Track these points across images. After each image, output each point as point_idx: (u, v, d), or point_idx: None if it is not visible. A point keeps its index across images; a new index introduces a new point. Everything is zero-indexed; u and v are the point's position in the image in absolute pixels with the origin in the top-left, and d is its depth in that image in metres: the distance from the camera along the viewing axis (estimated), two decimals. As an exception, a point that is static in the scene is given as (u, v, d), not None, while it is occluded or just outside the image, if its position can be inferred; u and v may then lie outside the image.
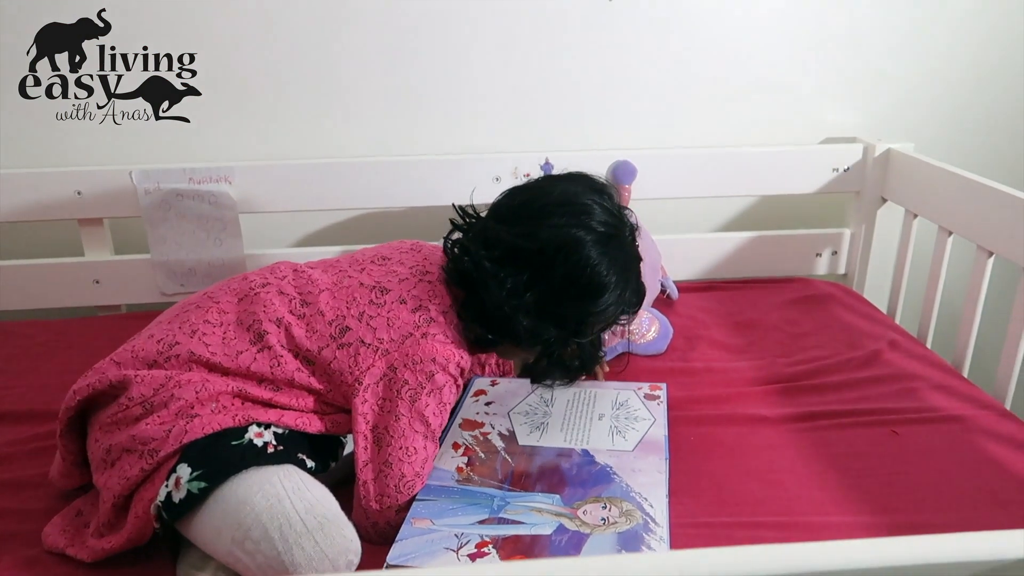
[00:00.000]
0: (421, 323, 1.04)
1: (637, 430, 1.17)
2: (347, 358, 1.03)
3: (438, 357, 1.02)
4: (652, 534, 0.95)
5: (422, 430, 1.03)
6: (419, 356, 1.02)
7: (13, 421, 1.26)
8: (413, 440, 1.02)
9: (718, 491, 1.09)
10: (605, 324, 1.11)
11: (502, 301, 1.04)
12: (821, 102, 1.78)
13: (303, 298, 1.07)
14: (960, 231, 1.50)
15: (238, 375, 1.02)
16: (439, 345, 1.03)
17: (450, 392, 1.05)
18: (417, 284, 1.08)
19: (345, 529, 0.91)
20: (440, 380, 1.03)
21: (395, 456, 1.01)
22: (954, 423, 1.23)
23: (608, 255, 1.05)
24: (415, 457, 1.02)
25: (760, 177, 1.75)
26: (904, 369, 1.39)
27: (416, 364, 1.02)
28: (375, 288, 1.07)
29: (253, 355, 1.02)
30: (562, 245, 1.03)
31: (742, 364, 1.43)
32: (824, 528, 1.01)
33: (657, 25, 1.69)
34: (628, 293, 1.09)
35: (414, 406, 1.02)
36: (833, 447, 1.18)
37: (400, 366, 1.02)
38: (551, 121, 1.74)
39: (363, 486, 1.02)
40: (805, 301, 1.68)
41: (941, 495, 1.07)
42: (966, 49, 1.75)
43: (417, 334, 1.03)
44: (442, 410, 1.05)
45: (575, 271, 1.03)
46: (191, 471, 0.93)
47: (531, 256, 1.04)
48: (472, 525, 0.98)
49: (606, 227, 1.06)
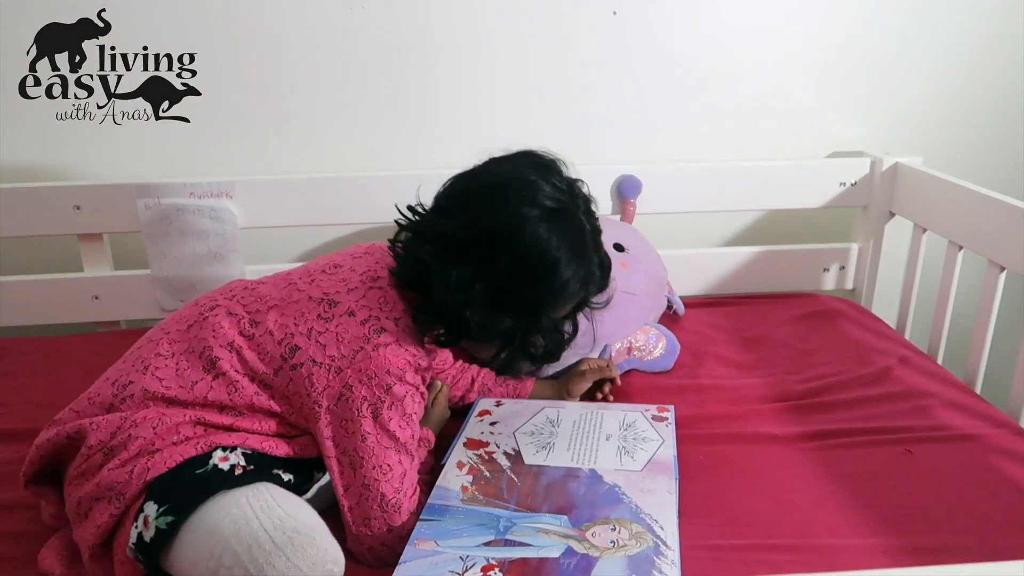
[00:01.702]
0: (371, 334, 0.99)
1: (645, 450, 1.15)
2: (301, 380, 0.98)
3: (392, 368, 0.98)
4: (663, 558, 0.92)
5: (392, 445, 0.99)
6: (373, 370, 0.97)
7: (10, 440, 1.24)
8: (385, 457, 0.98)
9: (729, 512, 1.06)
10: (567, 304, 1.05)
11: (449, 297, 0.99)
12: (828, 116, 1.77)
13: (252, 317, 1.02)
14: (971, 246, 1.48)
15: (196, 405, 0.98)
16: (391, 356, 0.98)
17: (413, 401, 1.00)
18: (367, 293, 1.03)
19: (319, 539, 0.88)
20: (399, 391, 0.98)
21: (371, 477, 0.98)
22: (969, 442, 1.21)
23: (557, 230, 0.99)
24: (391, 474, 0.99)
25: (767, 191, 1.74)
26: (916, 386, 1.36)
27: (371, 379, 0.97)
28: (323, 301, 1.02)
29: (209, 384, 0.98)
30: (505, 228, 0.98)
31: (751, 381, 1.40)
32: (839, 551, 0.99)
33: (663, 40, 1.68)
34: (587, 269, 1.03)
35: (377, 422, 0.98)
36: (845, 466, 1.15)
37: (355, 383, 0.97)
38: (556, 135, 1.71)
39: (348, 512, 0.99)
40: (813, 317, 1.66)
41: (958, 517, 1.05)
42: (974, 62, 1.74)
43: (368, 347, 0.98)
44: (408, 422, 1.00)
45: (522, 252, 0.98)
46: (157, 507, 0.90)
47: (474, 246, 0.99)
48: (478, 547, 0.95)
49: (554, 202, 1.00)
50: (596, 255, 1.05)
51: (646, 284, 1.51)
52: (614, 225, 1.62)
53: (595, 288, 1.06)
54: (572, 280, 1.00)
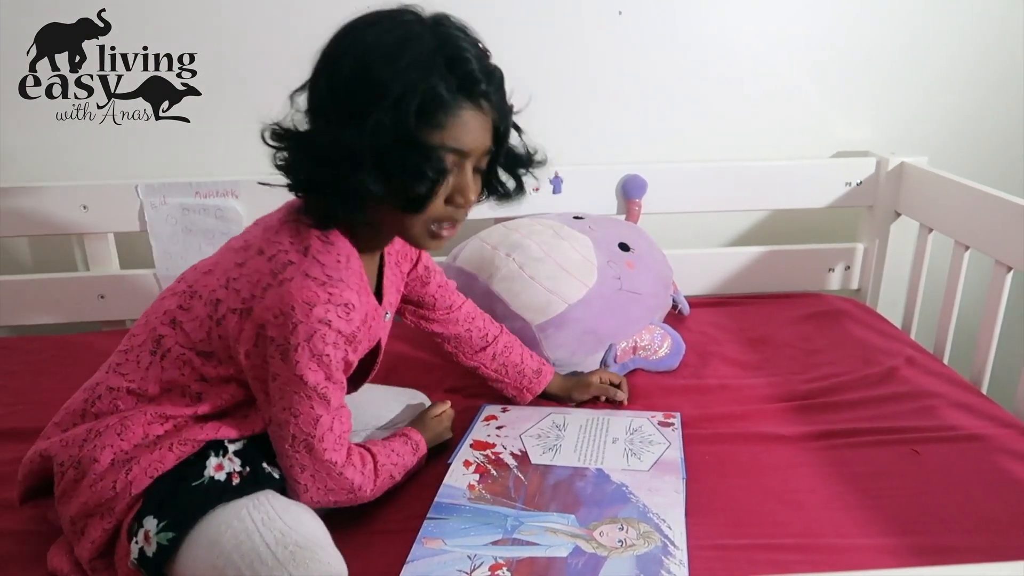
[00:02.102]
0: (278, 269, 0.91)
1: (652, 452, 1.15)
2: (227, 333, 0.93)
3: (298, 303, 0.89)
4: (672, 557, 0.92)
5: (300, 389, 0.92)
6: (279, 307, 0.89)
7: (16, 439, 1.23)
8: (295, 401, 0.92)
9: (736, 512, 1.06)
10: (407, 124, 0.87)
11: (326, 170, 0.90)
12: (833, 115, 1.77)
13: (191, 290, 0.98)
14: (977, 245, 1.48)
15: (156, 396, 0.96)
16: (296, 290, 0.89)
17: (324, 342, 0.91)
18: (280, 229, 0.96)
19: (320, 553, 0.87)
20: (305, 330, 0.89)
21: (280, 418, 0.94)
22: (975, 442, 1.20)
23: (384, 35, 0.89)
24: (302, 418, 0.93)
25: (772, 191, 1.73)
26: (922, 386, 1.36)
27: (278, 317, 0.89)
28: (242, 248, 0.97)
29: (160, 365, 0.96)
30: (337, 46, 0.91)
31: (756, 381, 1.40)
32: (846, 551, 0.98)
33: (668, 39, 1.68)
34: (424, 77, 0.87)
35: (286, 363, 0.91)
36: (852, 466, 1.15)
37: (266, 323, 0.90)
38: (560, 135, 1.72)
39: (299, 478, 0.96)
40: (818, 317, 1.66)
41: (965, 517, 1.04)
42: (980, 61, 1.74)
43: (275, 283, 0.91)
44: (319, 363, 0.91)
45: (348, 58, 0.89)
46: (158, 522, 0.89)
47: (314, 76, 0.92)
48: (485, 546, 0.95)
49: (393, 23, 0.91)
50: (447, 73, 0.89)
51: (651, 284, 1.51)
52: (619, 225, 1.62)
53: (440, 106, 0.88)
54: (400, 85, 0.86)
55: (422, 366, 1.47)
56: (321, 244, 0.94)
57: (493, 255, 1.48)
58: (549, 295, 1.40)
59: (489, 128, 0.96)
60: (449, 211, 0.95)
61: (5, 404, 1.35)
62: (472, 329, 1.29)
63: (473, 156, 0.94)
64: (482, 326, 1.30)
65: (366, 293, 1.00)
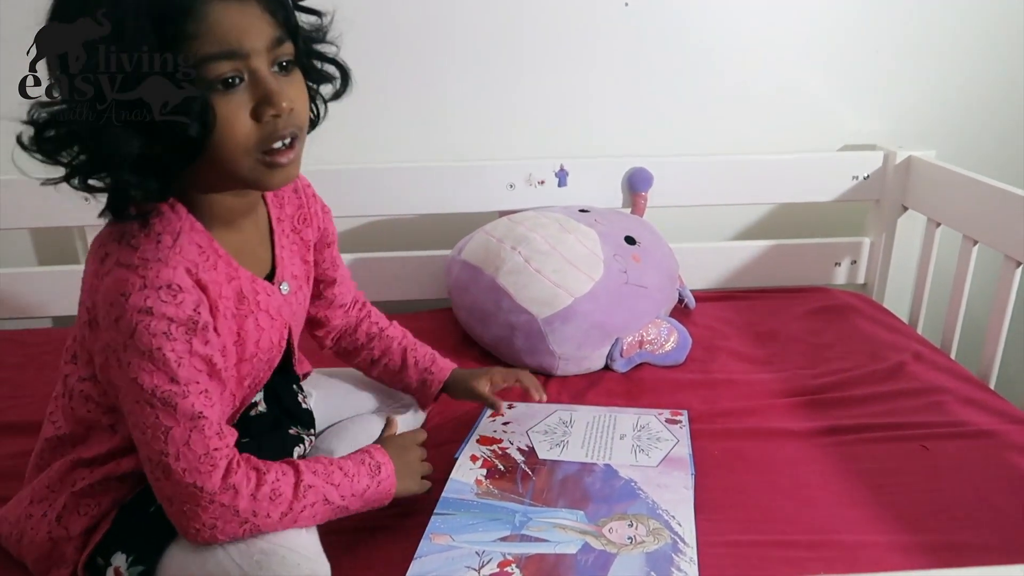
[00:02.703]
0: (99, 265, 0.80)
1: (660, 449, 1.14)
2: (85, 348, 0.84)
3: (113, 297, 0.77)
4: (682, 555, 0.92)
5: (139, 396, 0.78)
6: (105, 306, 0.77)
7: (16, 433, 1.22)
8: (140, 415, 0.79)
9: (746, 508, 1.05)
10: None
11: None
12: (840, 108, 1.76)
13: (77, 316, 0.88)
14: (986, 240, 1.47)
15: (81, 436, 0.88)
16: (113, 282, 0.77)
17: (148, 333, 0.76)
18: (105, 228, 0.84)
19: (288, 555, 0.82)
20: (126, 324, 0.76)
21: (137, 439, 0.80)
22: (985, 438, 1.20)
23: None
24: (149, 434, 0.79)
25: (778, 185, 1.72)
26: (930, 382, 1.35)
27: (105, 318, 0.78)
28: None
29: (70, 405, 0.88)
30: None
31: (764, 376, 1.39)
32: (858, 547, 0.98)
33: (673, 31, 1.67)
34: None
35: (122, 369, 0.78)
36: (862, 462, 1.14)
37: (102, 327, 0.79)
38: (566, 128, 1.72)
39: (172, 515, 0.83)
40: (825, 311, 1.65)
41: (977, 514, 1.04)
42: (989, 54, 1.72)
43: (98, 281, 0.79)
44: (155, 361, 0.77)
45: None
46: (126, 557, 0.85)
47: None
48: (494, 542, 0.94)
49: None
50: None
51: (657, 277, 1.50)
52: (625, 218, 1.61)
53: (179, 12, 0.72)
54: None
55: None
56: (138, 226, 0.80)
57: (499, 248, 1.47)
58: (555, 288, 1.39)
59: (262, 13, 0.77)
60: (267, 127, 0.78)
61: (8, 398, 1.34)
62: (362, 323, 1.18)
63: (256, 53, 0.76)
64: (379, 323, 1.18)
65: (225, 267, 0.85)
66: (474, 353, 1.48)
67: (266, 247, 0.94)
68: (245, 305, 0.87)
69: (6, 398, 1.34)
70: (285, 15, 0.80)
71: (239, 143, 0.77)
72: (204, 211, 0.84)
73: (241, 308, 0.86)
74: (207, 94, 0.74)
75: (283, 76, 0.80)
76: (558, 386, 1.38)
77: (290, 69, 0.81)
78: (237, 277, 0.86)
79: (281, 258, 0.95)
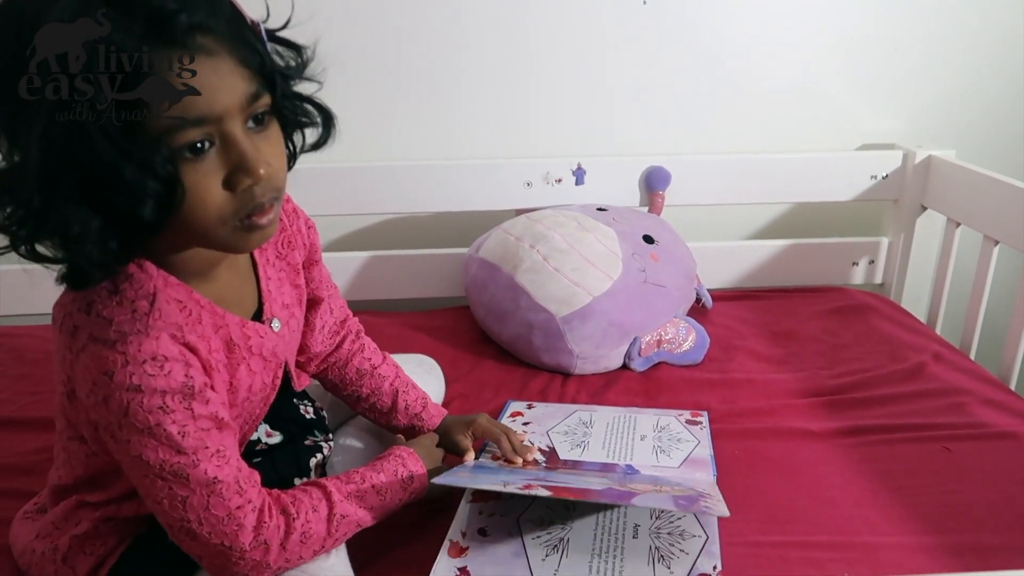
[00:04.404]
0: (69, 339, 0.72)
1: (681, 450, 1.14)
2: (77, 419, 0.79)
3: (96, 377, 0.70)
4: (710, 497, 0.92)
5: (145, 472, 0.72)
6: (86, 386, 0.71)
7: (39, 428, 1.23)
8: (158, 491, 0.73)
9: (767, 508, 1.05)
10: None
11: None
12: (858, 107, 1.75)
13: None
14: (1007, 241, 1.46)
15: (80, 481, 0.84)
16: (90, 360, 0.70)
17: (143, 411, 0.70)
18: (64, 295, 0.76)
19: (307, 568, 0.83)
20: (116, 407, 0.69)
21: (176, 521, 0.75)
22: (1007, 439, 1.19)
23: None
24: (164, 506, 0.74)
25: (796, 184, 1.71)
26: (950, 383, 1.35)
27: (89, 397, 0.71)
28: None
29: (64, 454, 0.84)
30: None
31: (783, 376, 1.39)
32: (880, 548, 0.97)
33: (691, 29, 1.66)
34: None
35: (121, 448, 0.72)
36: (883, 463, 1.14)
37: (86, 405, 0.73)
38: (583, 126, 1.71)
39: (211, 570, 0.79)
40: (843, 311, 1.64)
41: (1000, 515, 1.03)
42: (1009, 52, 1.71)
43: (72, 356, 0.71)
44: (156, 436, 0.71)
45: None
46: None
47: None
48: (514, 480, 0.95)
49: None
50: (125, 19, 0.66)
51: (676, 276, 1.50)
52: (643, 217, 1.61)
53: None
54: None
55: (445, 357, 1.41)
56: (107, 294, 0.71)
57: (517, 246, 1.47)
58: (574, 287, 1.39)
59: (235, 67, 0.68)
60: (243, 196, 0.69)
61: (30, 393, 1.35)
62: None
63: (229, 116, 0.67)
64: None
65: (210, 317, 0.78)
66: (491, 351, 1.48)
67: (251, 283, 0.87)
68: (236, 352, 0.80)
69: (27, 393, 1.35)
70: (260, 62, 0.70)
71: (211, 214, 0.68)
72: (176, 266, 0.76)
73: (232, 356, 0.80)
74: (173, 166, 0.65)
75: (258, 133, 0.71)
76: (576, 385, 1.38)
77: (267, 122, 0.72)
78: (224, 325, 0.79)
79: (268, 292, 0.87)
